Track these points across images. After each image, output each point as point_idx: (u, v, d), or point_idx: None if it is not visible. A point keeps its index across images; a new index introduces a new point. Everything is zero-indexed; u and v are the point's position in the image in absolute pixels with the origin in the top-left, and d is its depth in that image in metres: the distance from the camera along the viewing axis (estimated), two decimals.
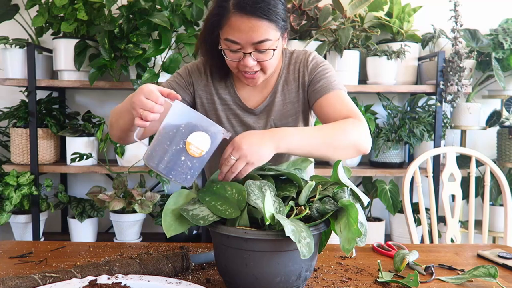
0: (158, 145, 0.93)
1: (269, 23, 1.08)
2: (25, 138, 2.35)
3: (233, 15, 1.07)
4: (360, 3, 2.28)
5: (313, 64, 1.26)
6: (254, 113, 1.29)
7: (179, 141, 0.92)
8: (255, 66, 1.14)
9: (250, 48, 1.10)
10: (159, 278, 0.92)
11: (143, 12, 2.21)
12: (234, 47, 1.11)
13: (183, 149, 0.92)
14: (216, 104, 1.29)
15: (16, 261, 1.12)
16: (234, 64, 1.15)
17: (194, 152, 0.93)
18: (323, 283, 1.01)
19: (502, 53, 2.49)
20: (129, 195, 2.29)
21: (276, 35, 1.11)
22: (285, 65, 1.29)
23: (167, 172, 0.92)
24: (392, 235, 2.60)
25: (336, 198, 0.91)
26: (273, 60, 1.15)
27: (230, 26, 1.09)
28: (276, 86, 1.27)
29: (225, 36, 1.11)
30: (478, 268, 1.02)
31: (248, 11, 1.06)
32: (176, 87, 1.29)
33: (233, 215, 0.88)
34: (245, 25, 1.07)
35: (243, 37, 1.08)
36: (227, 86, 1.30)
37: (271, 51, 1.12)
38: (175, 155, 0.92)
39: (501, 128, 2.59)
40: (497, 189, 2.58)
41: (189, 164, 0.93)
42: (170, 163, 0.92)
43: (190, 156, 0.92)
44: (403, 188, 1.71)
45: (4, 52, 2.32)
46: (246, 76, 1.17)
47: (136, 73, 2.30)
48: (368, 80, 2.49)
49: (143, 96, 0.96)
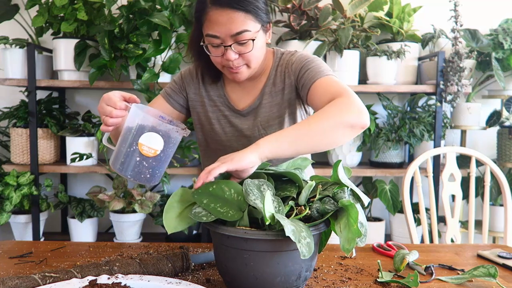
0: (117, 147, 0.97)
1: (246, 14, 1.10)
2: (25, 138, 2.35)
3: (211, 10, 1.10)
4: (360, 3, 2.28)
5: (296, 62, 1.23)
6: (242, 115, 1.30)
7: (132, 143, 0.95)
8: (238, 60, 1.15)
9: (230, 41, 1.12)
10: (159, 278, 0.92)
11: (143, 12, 2.21)
12: (215, 42, 1.13)
13: (136, 150, 0.95)
14: (206, 105, 1.32)
15: (16, 261, 1.12)
16: (218, 59, 1.17)
17: (147, 152, 0.95)
18: (323, 283, 1.01)
19: (502, 53, 2.49)
20: (129, 195, 2.29)
21: (256, 27, 1.12)
22: (274, 67, 1.28)
23: (125, 172, 0.95)
24: (392, 235, 2.60)
25: (336, 198, 0.90)
26: (255, 52, 1.15)
27: (209, 20, 1.11)
28: (264, 88, 1.28)
29: (206, 31, 1.13)
30: (478, 268, 1.02)
31: (223, 3, 1.08)
32: (171, 93, 1.33)
33: (236, 216, 0.87)
34: (222, 17, 1.09)
35: (222, 30, 1.10)
36: (218, 88, 1.32)
37: (250, 42, 1.12)
38: (129, 156, 0.95)
39: (501, 128, 2.59)
40: (497, 189, 2.58)
41: (145, 164, 0.95)
42: (126, 164, 0.95)
43: (144, 156, 0.95)
44: (403, 188, 1.71)
45: (4, 52, 2.32)
46: (230, 71, 1.18)
47: (136, 73, 2.30)
48: (368, 80, 2.49)
49: (104, 103, 1.01)
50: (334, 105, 1.05)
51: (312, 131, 1.01)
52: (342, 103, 1.04)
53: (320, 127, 1.01)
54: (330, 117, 1.02)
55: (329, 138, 1.02)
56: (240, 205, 0.90)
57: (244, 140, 1.29)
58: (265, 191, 0.89)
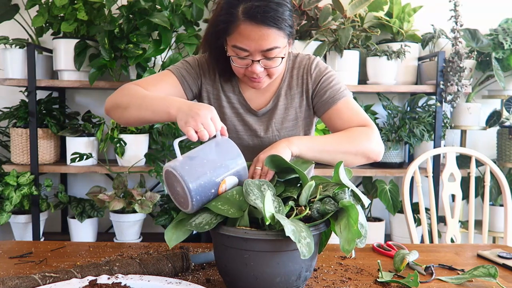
0: (200, 166, 0.90)
1: (278, 31, 1.09)
2: (25, 138, 2.35)
3: (243, 23, 1.07)
4: (360, 3, 2.28)
5: (317, 72, 1.27)
6: (256, 115, 1.30)
7: (219, 175, 0.91)
8: (262, 73, 1.15)
9: (258, 56, 1.11)
10: (159, 278, 0.92)
11: (143, 12, 2.21)
12: (243, 54, 1.12)
13: (218, 184, 0.90)
14: (222, 100, 1.30)
15: (16, 261, 1.12)
16: (241, 70, 1.16)
17: (222, 190, 0.92)
18: (323, 283, 1.01)
19: (502, 53, 2.49)
20: (129, 195, 2.29)
21: (284, 42, 1.12)
22: (289, 69, 1.29)
23: (195, 194, 0.88)
24: (392, 235, 2.60)
25: (336, 199, 0.91)
26: (280, 67, 1.17)
27: (239, 33, 1.09)
28: (279, 90, 1.28)
29: (234, 43, 1.11)
30: (478, 268, 1.02)
31: (258, 20, 1.06)
32: (185, 75, 1.27)
33: (236, 214, 0.88)
34: (255, 33, 1.07)
35: (253, 45, 1.09)
36: (233, 85, 1.30)
37: (279, 58, 1.13)
38: (210, 184, 0.90)
39: (501, 128, 2.59)
40: (497, 189, 2.58)
41: (210, 198, 0.91)
42: (202, 188, 0.88)
43: (216, 193, 0.91)
44: (403, 188, 1.71)
45: (4, 52, 2.32)
46: (252, 80, 1.18)
47: (136, 73, 2.30)
48: (368, 80, 2.49)
49: (210, 116, 0.95)
50: (361, 133, 1.16)
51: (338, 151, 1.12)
52: (368, 135, 1.16)
53: (347, 148, 1.13)
54: (357, 143, 1.14)
55: (347, 160, 1.14)
56: (241, 205, 0.90)
57: (257, 141, 1.30)
58: (266, 191, 0.89)
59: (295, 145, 1.07)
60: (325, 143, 1.12)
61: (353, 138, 1.14)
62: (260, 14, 1.06)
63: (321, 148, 1.11)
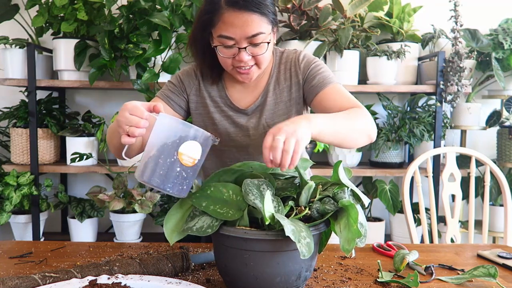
0: (152, 160, 0.91)
1: (261, 17, 1.10)
2: (25, 138, 2.35)
3: (226, 11, 1.09)
4: (360, 3, 2.28)
5: (305, 62, 1.27)
6: (246, 113, 1.30)
7: (172, 153, 0.90)
8: (250, 61, 1.16)
9: (244, 43, 1.12)
10: (159, 278, 0.92)
11: (143, 12, 2.21)
12: (229, 43, 1.13)
13: (176, 160, 0.90)
14: (209, 106, 1.31)
15: (16, 261, 1.12)
16: (228, 61, 1.16)
17: (187, 161, 0.91)
18: (323, 283, 1.01)
19: (502, 53, 2.49)
20: (129, 195, 2.29)
21: (268, 28, 1.14)
22: (276, 65, 1.30)
23: (164, 185, 0.90)
24: (392, 235, 2.60)
25: (336, 199, 0.91)
26: (267, 54, 1.17)
27: (223, 22, 1.10)
28: (268, 86, 1.29)
29: (219, 33, 1.12)
30: (478, 268, 1.02)
31: (241, 6, 1.08)
32: (170, 95, 1.30)
33: (236, 215, 0.88)
34: (238, 19, 1.09)
35: (238, 32, 1.10)
36: (219, 88, 1.31)
37: (265, 44, 1.14)
38: (169, 167, 0.90)
39: (501, 128, 2.59)
40: (497, 189, 2.58)
41: (184, 175, 0.91)
42: (165, 176, 0.90)
43: (184, 166, 0.91)
44: (403, 188, 1.71)
45: (4, 52, 2.32)
46: (240, 71, 1.18)
47: (136, 73, 2.30)
48: (368, 80, 2.49)
49: (128, 113, 0.95)
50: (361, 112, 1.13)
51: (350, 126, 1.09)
52: (366, 115, 1.14)
53: (355, 125, 1.10)
54: (362, 121, 1.12)
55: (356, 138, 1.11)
56: (240, 205, 0.90)
57: (248, 140, 1.30)
58: (265, 191, 0.89)
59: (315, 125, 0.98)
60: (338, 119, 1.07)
61: (357, 117, 1.11)
62: (242, 0, 1.08)
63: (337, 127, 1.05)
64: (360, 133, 1.11)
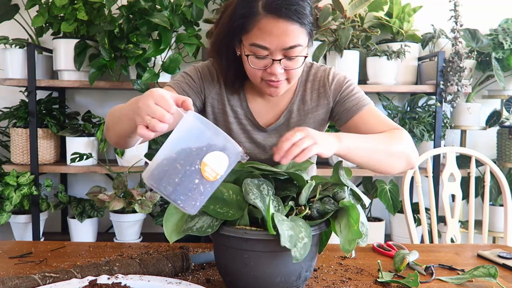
0: (168, 163, 0.75)
1: (301, 27, 1.00)
2: (25, 138, 2.35)
3: (264, 18, 0.98)
4: (360, 3, 2.28)
5: (336, 83, 1.19)
6: (265, 131, 1.21)
7: (195, 161, 0.75)
8: (282, 75, 1.05)
9: (279, 55, 1.02)
10: (159, 278, 0.92)
11: (143, 12, 2.21)
12: (262, 53, 1.02)
13: (197, 170, 0.75)
14: (228, 115, 1.20)
15: (16, 261, 1.12)
16: (258, 72, 1.06)
17: (209, 175, 0.76)
18: (323, 283, 1.01)
19: (502, 53, 2.49)
20: (129, 195, 2.29)
21: (306, 41, 1.04)
22: (302, 82, 1.21)
23: (175, 196, 0.75)
24: (392, 235, 2.60)
25: (336, 198, 0.90)
26: (301, 69, 1.08)
27: (260, 29, 0.99)
28: (291, 105, 1.20)
29: (253, 41, 1.01)
30: (478, 268, 1.02)
31: (282, 13, 0.97)
32: (188, 91, 1.16)
33: (236, 215, 0.87)
34: (277, 28, 0.98)
35: (275, 42, 0.99)
36: (240, 98, 1.20)
37: (301, 58, 1.04)
38: (188, 177, 0.75)
39: (501, 128, 2.59)
40: (497, 189, 2.58)
41: (201, 189, 0.76)
42: (181, 186, 0.75)
43: (204, 180, 0.76)
44: (403, 188, 1.71)
45: (4, 52, 2.32)
46: (270, 84, 1.07)
47: (136, 73, 2.30)
48: (368, 80, 2.49)
49: (153, 102, 0.79)
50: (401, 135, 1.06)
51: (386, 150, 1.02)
52: (408, 139, 1.07)
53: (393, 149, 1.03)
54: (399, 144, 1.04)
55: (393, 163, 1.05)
56: (240, 204, 0.90)
57: (264, 158, 1.22)
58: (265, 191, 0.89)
59: (344, 141, 0.93)
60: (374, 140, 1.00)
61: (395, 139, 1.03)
62: (284, 7, 0.97)
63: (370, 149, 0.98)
64: (398, 157, 1.03)
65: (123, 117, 0.97)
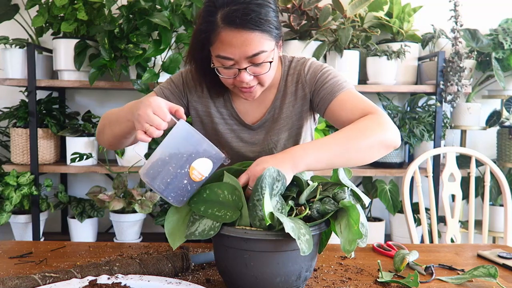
0: (162, 165, 0.89)
1: (262, 34, 1.01)
2: (25, 138, 2.35)
3: (223, 30, 1.00)
4: (360, 3, 2.28)
5: (311, 73, 1.19)
6: (251, 129, 1.23)
7: (184, 165, 0.89)
8: (252, 81, 1.08)
9: (245, 63, 1.04)
10: (159, 278, 0.92)
11: (143, 12, 2.21)
12: (228, 64, 1.04)
13: (186, 173, 0.89)
14: (214, 117, 1.23)
15: (16, 261, 1.12)
16: (229, 81, 1.09)
17: (195, 177, 0.90)
18: (323, 283, 1.01)
19: (502, 53, 2.49)
20: (129, 195, 2.29)
21: (271, 45, 1.05)
22: (283, 77, 1.22)
23: (166, 193, 0.90)
24: (392, 235, 2.60)
25: (336, 199, 0.91)
26: (270, 73, 1.09)
27: (221, 42, 1.02)
28: (275, 101, 1.22)
29: (217, 53, 1.04)
30: (478, 268, 1.02)
31: (238, 24, 0.99)
32: (169, 96, 1.21)
33: (234, 217, 0.87)
34: (236, 39, 1.00)
35: (236, 52, 1.01)
36: (224, 99, 1.23)
37: (267, 63, 1.05)
38: (178, 178, 0.89)
39: (501, 128, 2.59)
40: (497, 189, 2.58)
41: (188, 188, 0.91)
42: (172, 185, 0.89)
43: (191, 180, 0.90)
44: (403, 188, 1.71)
45: (4, 52, 2.32)
46: (243, 91, 1.11)
47: (136, 73, 2.30)
48: (368, 80, 2.49)
49: (151, 111, 0.90)
50: (370, 122, 1.03)
51: (351, 149, 0.99)
52: (378, 122, 1.03)
53: (359, 145, 1.00)
54: (368, 135, 1.01)
55: (365, 156, 1.02)
56: (236, 204, 0.90)
57: (252, 155, 1.24)
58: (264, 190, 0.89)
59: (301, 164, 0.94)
60: (333, 145, 0.98)
61: (363, 130, 1.01)
62: (239, 18, 0.98)
63: (330, 155, 0.97)
64: (369, 149, 1.01)
65: (122, 119, 1.08)
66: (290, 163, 0.93)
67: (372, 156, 1.02)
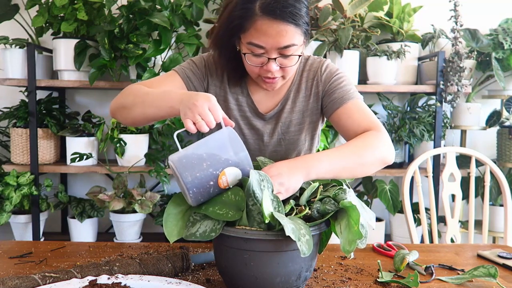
0: (198, 159, 0.89)
1: (295, 28, 1.05)
2: (25, 138, 2.35)
3: (260, 19, 1.04)
4: (360, 3, 2.28)
5: (327, 73, 1.24)
6: (263, 118, 1.26)
7: (218, 168, 0.89)
8: (278, 72, 1.11)
9: (275, 53, 1.07)
10: (159, 278, 0.92)
11: (143, 12, 2.21)
12: (258, 51, 1.08)
13: (216, 175, 0.89)
14: (229, 102, 1.25)
15: (16, 261, 1.12)
16: (255, 69, 1.12)
17: (222, 183, 0.90)
18: (323, 283, 1.01)
19: (502, 53, 2.49)
20: (129, 195, 2.29)
21: (301, 40, 1.09)
22: (299, 72, 1.26)
23: (190, 186, 0.88)
24: (392, 235, 2.60)
25: (337, 199, 0.91)
26: (296, 66, 1.14)
27: (256, 29, 1.05)
28: (288, 93, 1.25)
29: (249, 40, 1.07)
30: (478, 268, 1.02)
31: (277, 15, 1.03)
32: (191, 76, 1.23)
33: (236, 216, 0.87)
34: (272, 29, 1.04)
35: (270, 42, 1.05)
36: (241, 87, 1.26)
37: (295, 56, 1.10)
38: (207, 176, 0.89)
39: (501, 128, 2.59)
40: (497, 189, 2.58)
41: (210, 191, 0.90)
42: (198, 180, 0.88)
43: (216, 184, 0.89)
44: (403, 188, 1.71)
45: (4, 52, 2.32)
46: (266, 81, 1.14)
47: (136, 73, 2.30)
48: (368, 80, 2.49)
49: (207, 106, 0.93)
50: (376, 140, 1.10)
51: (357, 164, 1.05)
52: (383, 140, 1.10)
53: (364, 160, 1.06)
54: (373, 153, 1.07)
55: (367, 171, 1.08)
56: (239, 204, 0.90)
57: (262, 145, 1.27)
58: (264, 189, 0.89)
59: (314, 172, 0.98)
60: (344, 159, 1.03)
61: (369, 147, 1.07)
62: (279, 9, 1.02)
63: (339, 167, 1.02)
64: (370, 164, 1.07)
65: (162, 104, 1.06)
66: (303, 171, 0.96)
67: (371, 171, 1.10)
